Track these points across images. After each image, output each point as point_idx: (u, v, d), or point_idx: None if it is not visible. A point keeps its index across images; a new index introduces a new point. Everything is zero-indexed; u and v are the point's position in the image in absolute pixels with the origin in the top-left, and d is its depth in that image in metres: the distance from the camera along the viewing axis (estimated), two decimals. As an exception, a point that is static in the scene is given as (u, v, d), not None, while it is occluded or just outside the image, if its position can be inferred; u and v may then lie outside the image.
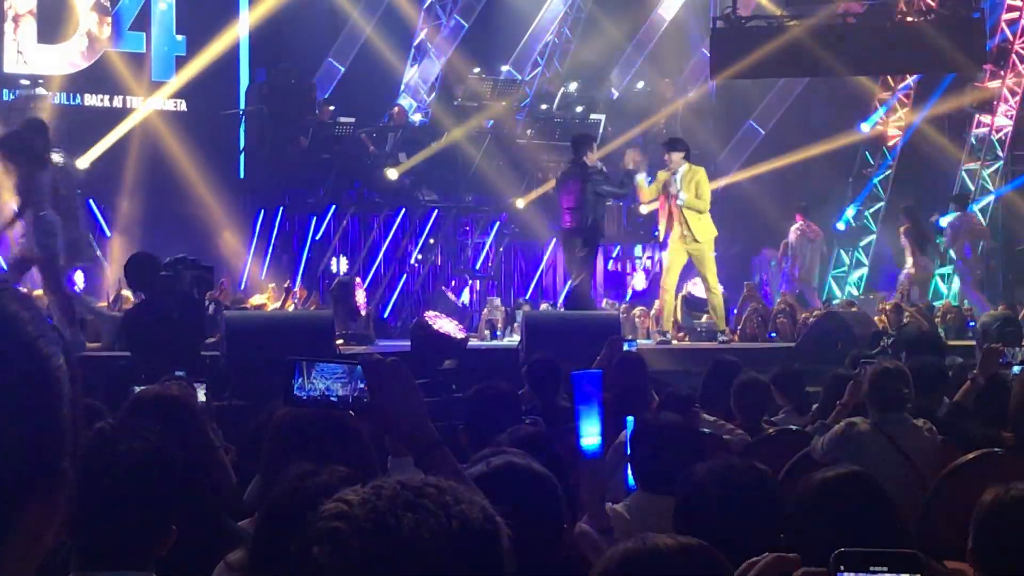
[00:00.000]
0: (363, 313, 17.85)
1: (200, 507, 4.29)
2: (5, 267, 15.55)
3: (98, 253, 20.79)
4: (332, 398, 3.22)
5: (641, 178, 16.50)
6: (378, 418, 3.18)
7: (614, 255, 24.80)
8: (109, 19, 23.02)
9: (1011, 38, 23.71)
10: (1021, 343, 12.86)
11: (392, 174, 22.31)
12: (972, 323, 18.85)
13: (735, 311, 19.53)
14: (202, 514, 4.31)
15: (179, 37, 23.45)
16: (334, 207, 22.16)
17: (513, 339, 17.26)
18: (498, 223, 23.46)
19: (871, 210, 25.52)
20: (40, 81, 21.77)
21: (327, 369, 3.23)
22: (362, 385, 3.15)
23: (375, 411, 3.13)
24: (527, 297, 22.70)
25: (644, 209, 24.33)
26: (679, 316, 18.73)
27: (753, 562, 1.93)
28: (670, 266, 16.51)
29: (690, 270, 17.65)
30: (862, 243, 25.58)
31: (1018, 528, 3.68)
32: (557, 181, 17.14)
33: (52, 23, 22.52)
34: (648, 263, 24.65)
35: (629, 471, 5.88)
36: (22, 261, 13.70)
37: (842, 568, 1.98)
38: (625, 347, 10.26)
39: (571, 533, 4.21)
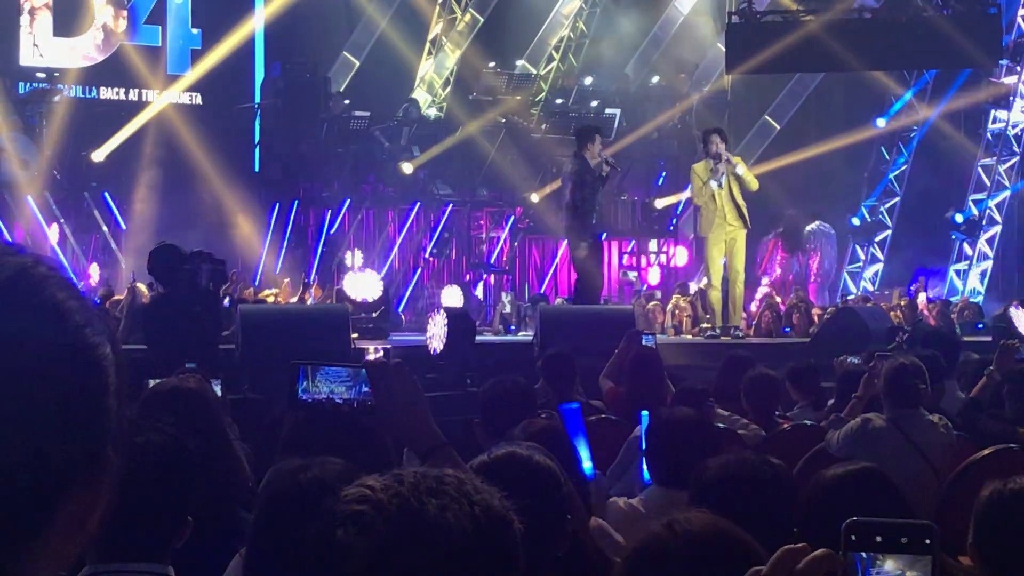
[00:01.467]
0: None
1: (215, 500, 4.29)
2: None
3: (114, 246, 20.87)
4: (337, 401, 3.24)
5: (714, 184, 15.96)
6: (382, 420, 3.20)
7: (628, 249, 24.79)
8: (125, 12, 23.08)
9: (1027, 33, 23.67)
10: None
11: (407, 168, 22.33)
12: (980, 324, 18.80)
13: (751, 307, 19.51)
14: (217, 507, 4.31)
15: (195, 31, 23.51)
16: (349, 201, 22.18)
17: (527, 333, 17.26)
18: (512, 217, 23.47)
19: (886, 205, 25.48)
20: (56, 74, 21.83)
21: (331, 372, 3.24)
22: (366, 388, 3.16)
23: (379, 414, 3.15)
24: (541, 291, 22.69)
25: (659, 204, 24.41)
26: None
27: (791, 550, 1.92)
28: (713, 261, 16.18)
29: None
30: (877, 238, 25.54)
31: (1017, 521, 3.68)
32: None
33: (68, 16, 22.58)
34: (663, 258, 24.64)
35: (644, 465, 5.88)
36: None
37: (853, 538, 1.97)
38: (642, 341, 10.24)
39: (583, 527, 4.20)
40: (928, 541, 1.92)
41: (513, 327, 19.35)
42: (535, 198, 23.07)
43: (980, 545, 3.72)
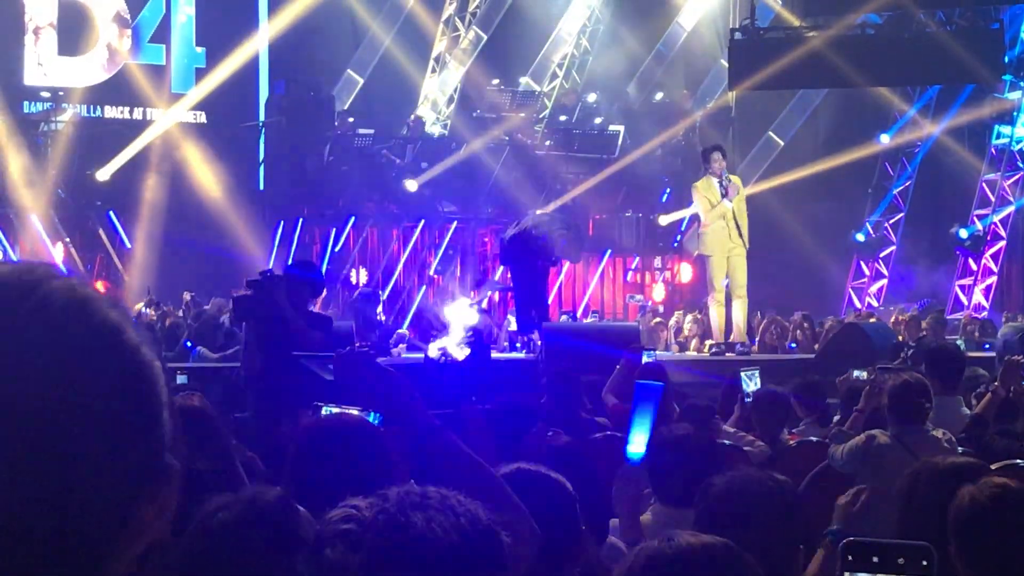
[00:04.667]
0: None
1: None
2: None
3: (119, 265, 20.86)
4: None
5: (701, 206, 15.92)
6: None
7: (633, 266, 24.80)
8: (129, 31, 23.12)
9: (1031, 49, 23.66)
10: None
11: (411, 185, 22.35)
12: (987, 345, 18.74)
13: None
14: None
15: (199, 49, 23.54)
16: (353, 219, 22.19)
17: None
18: (517, 234, 23.45)
19: (891, 221, 25.47)
20: (60, 93, 21.86)
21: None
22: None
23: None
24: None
25: (664, 220, 24.41)
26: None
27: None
28: (716, 277, 16.11)
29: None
30: (882, 254, 25.52)
31: (998, 525, 3.68)
32: None
33: (72, 36, 22.62)
34: (668, 274, 24.64)
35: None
36: None
37: (850, 558, 1.97)
38: (645, 358, 10.24)
39: (597, 546, 4.20)
40: (925, 563, 1.92)
41: (518, 345, 19.30)
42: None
43: (964, 551, 3.70)
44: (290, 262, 18.32)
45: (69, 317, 1.28)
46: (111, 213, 21.05)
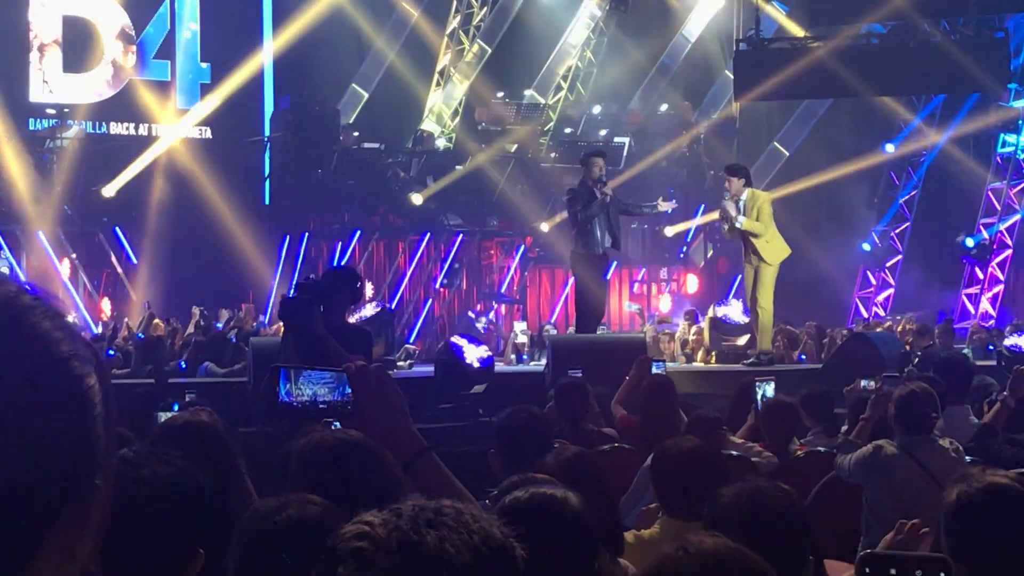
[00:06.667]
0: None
1: (228, 532, 4.28)
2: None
3: (125, 281, 20.88)
4: (320, 404, 3.24)
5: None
6: (361, 424, 3.20)
7: (639, 278, 24.78)
8: (134, 48, 23.15)
9: (1035, 57, 23.65)
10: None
11: (417, 199, 22.37)
12: (991, 346, 18.71)
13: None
14: (230, 539, 4.30)
15: (204, 65, 23.58)
16: (359, 232, 22.20)
17: (540, 363, 17.22)
18: (523, 247, 23.47)
19: (897, 230, 25.46)
20: (66, 110, 21.89)
21: (314, 375, 3.24)
22: (349, 391, 3.16)
23: (360, 418, 3.15)
24: (552, 321, 22.68)
25: (670, 231, 24.41)
26: (707, 339, 18.65)
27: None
28: (744, 288, 16.12)
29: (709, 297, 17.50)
30: (888, 263, 25.51)
31: (992, 520, 3.66)
32: None
33: (77, 52, 22.65)
34: (674, 285, 24.63)
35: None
36: None
37: (867, 571, 1.96)
38: (654, 369, 10.22)
39: (613, 563, 4.19)
40: (943, 575, 1.91)
41: (524, 357, 19.30)
42: (545, 227, 23.08)
43: (955, 551, 3.67)
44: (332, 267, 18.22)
45: None
46: (117, 229, 21.07)
